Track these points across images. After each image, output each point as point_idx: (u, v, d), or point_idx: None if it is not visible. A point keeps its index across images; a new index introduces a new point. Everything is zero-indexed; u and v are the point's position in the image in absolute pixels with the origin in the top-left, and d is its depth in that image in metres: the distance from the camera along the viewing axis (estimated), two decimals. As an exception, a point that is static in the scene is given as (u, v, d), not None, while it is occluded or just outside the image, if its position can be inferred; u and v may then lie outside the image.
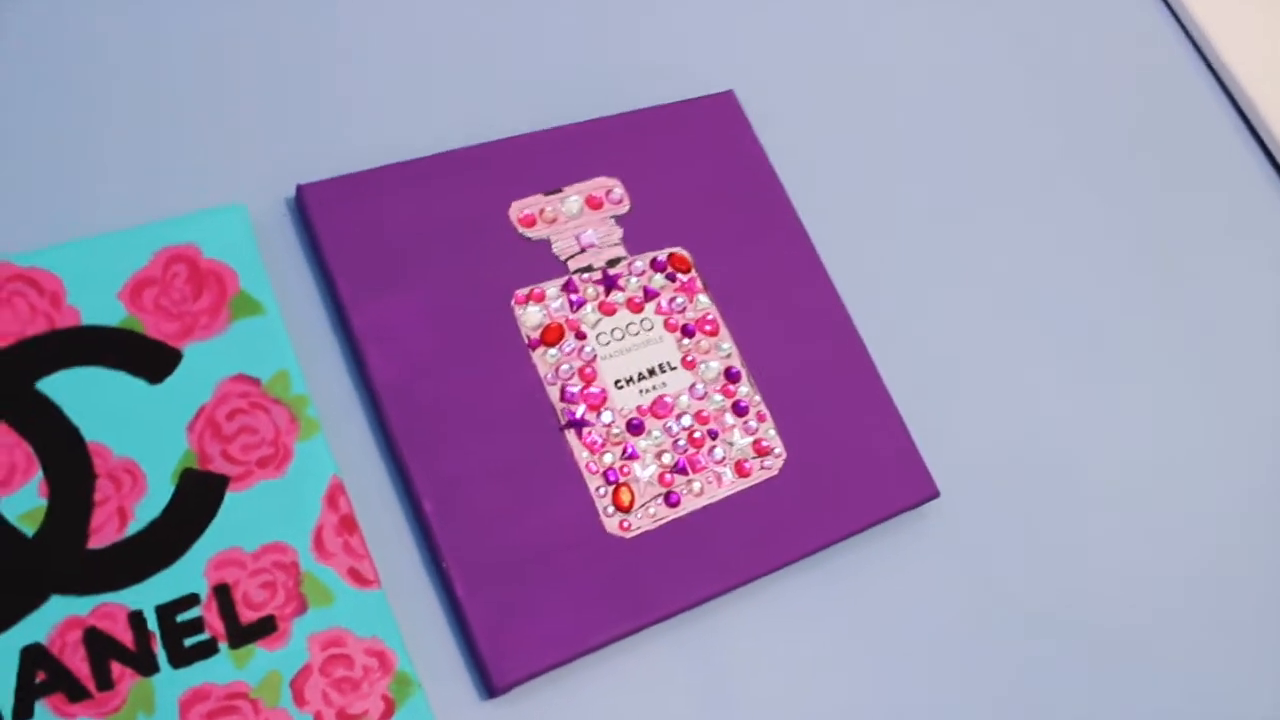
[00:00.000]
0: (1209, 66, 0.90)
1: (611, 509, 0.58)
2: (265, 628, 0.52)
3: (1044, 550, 0.68)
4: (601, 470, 0.58)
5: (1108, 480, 0.72)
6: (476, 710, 0.55)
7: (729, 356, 0.63)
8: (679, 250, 0.65)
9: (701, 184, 0.67)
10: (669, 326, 0.63)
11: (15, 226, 0.57)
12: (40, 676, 0.49)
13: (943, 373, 0.71)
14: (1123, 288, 0.79)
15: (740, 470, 0.61)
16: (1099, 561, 0.69)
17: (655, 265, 0.64)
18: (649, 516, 0.58)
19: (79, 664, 0.50)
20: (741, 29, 0.75)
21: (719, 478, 0.60)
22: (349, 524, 0.54)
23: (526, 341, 0.60)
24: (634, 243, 0.64)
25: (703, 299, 0.64)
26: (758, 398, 0.63)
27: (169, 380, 0.55)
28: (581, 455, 0.58)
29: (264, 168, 0.61)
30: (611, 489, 0.58)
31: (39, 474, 0.52)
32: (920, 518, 0.65)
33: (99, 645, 0.50)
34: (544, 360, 0.59)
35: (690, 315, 0.63)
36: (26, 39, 0.59)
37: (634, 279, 0.63)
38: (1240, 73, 0.88)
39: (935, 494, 0.64)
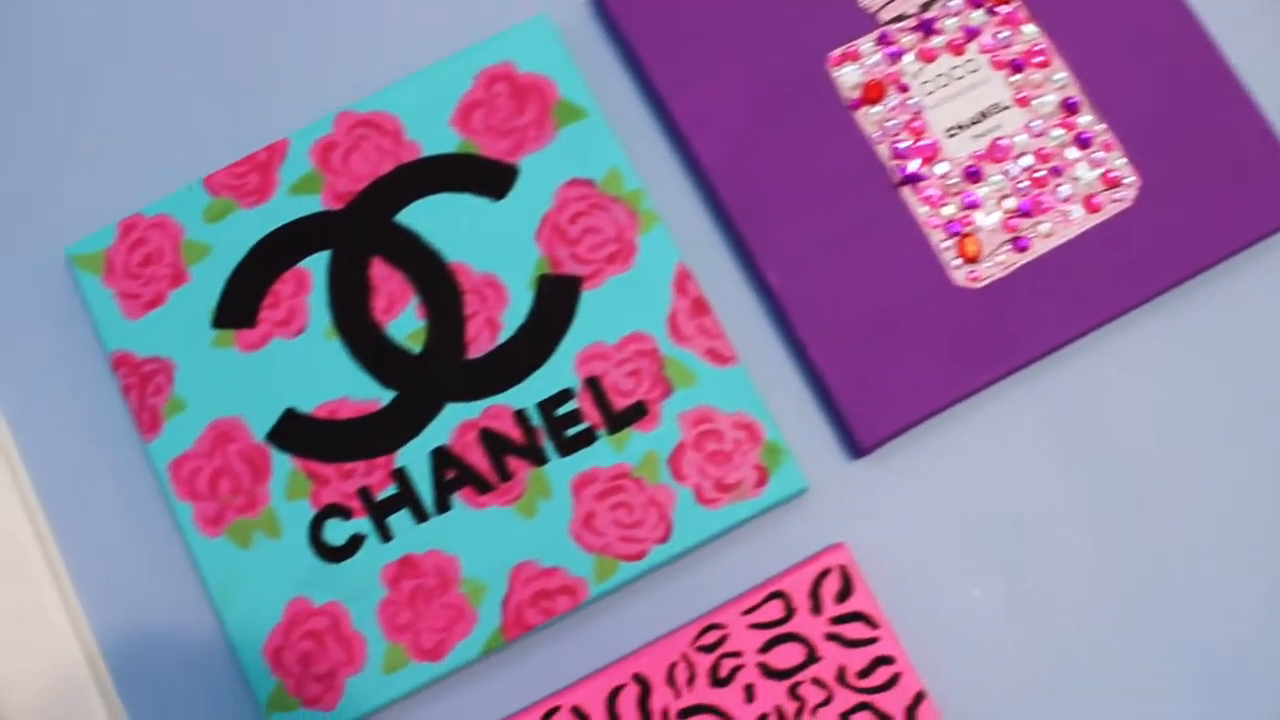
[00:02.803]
0: None
1: (958, 261, 0.56)
2: (637, 412, 0.55)
3: None
4: (943, 223, 0.57)
5: None
6: (845, 470, 0.56)
7: (1065, 87, 0.59)
8: (996, -20, 0.60)
9: (1012, -96, 0.61)
10: (996, 64, 0.59)
11: (346, 78, 0.60)
12: (450, 474, 0.55)
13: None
14: None
15: (1090, 205, 0.57)
16: None
17: (972, 1, 0.59)
18: (998, 264, 0.56)
19: (480, 460, 0.55)
20: None
21: (1067, 216, 0.57)
22: (700, 306, 0.56)
23: (847, 103, 0.58)
24: (946, -19, 0.60)
25: (1029, 29, 0.59)
26: (1101, 126, 0.58)
27: (510, 195, 0.57)
28: (920, 210, 0.57)
29: (562, -28, 0.61)
30: (955, 241, 0.57)
31: (414, 298, 0.57)
32: (1302, 231, 0.60)
33: (493, 443, 0.55)
34: (868, 119, 0.58)
35: (1017, 48, 0.59)
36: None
37: (951, 19, 0.59)
38: None
39: (1318, 202, 0.58)
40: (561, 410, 0.55)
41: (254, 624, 0.54)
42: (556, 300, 0.56)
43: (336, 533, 0.55)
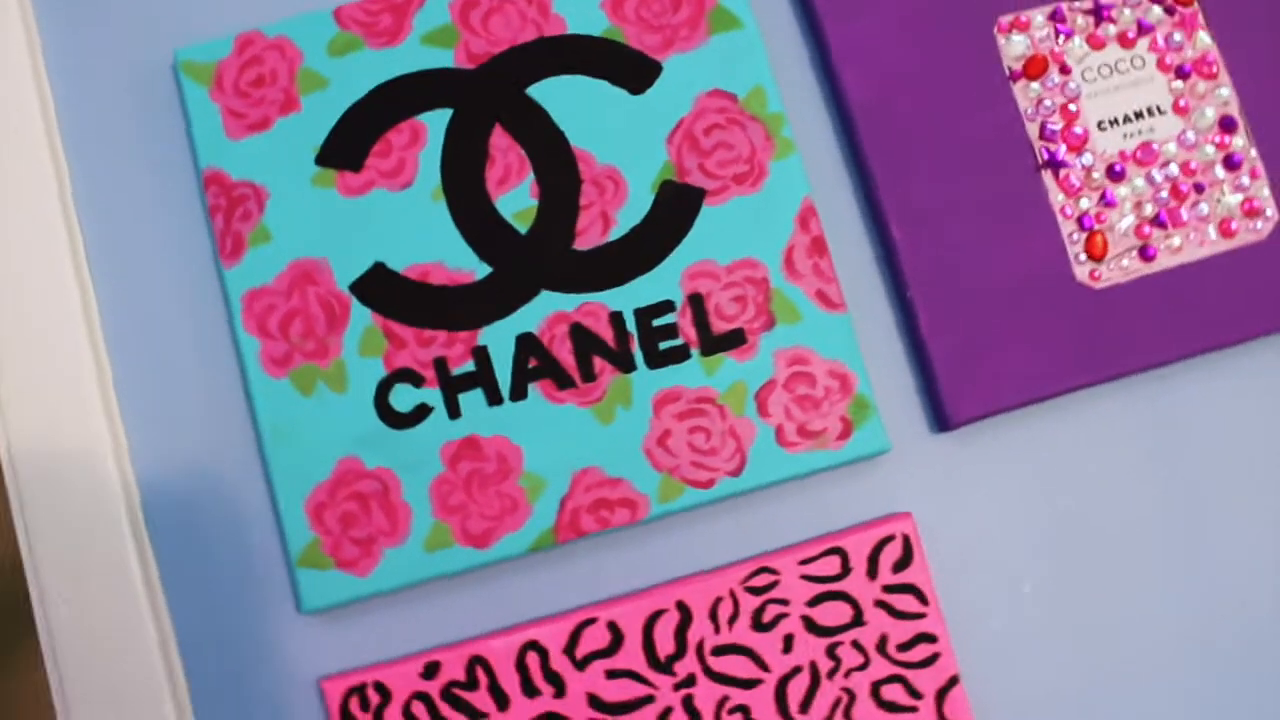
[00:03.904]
0: None
1: (1083, 256, 0.55)
2: (735, 339, 0.54)
3: None
4: (1076, 215, 0.55)
5: None
6: (927, 441, 0.55)
7: (1227, 104, 0.57)
8: (1179, -19, 0.58)
9: (1208, -94, 0.59)
10: (1162, 66, 0.57)
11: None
12: (533, 363, 0.53)
13: None
14: None
15: (1225, 230, 0.56)
16: None
17: (1151, -4, 0.58)
18: (1121, 269, 0.55)
19: (565, 355, 0.53)
20: None
21: (1201, 235, 0.56)
22: (819, 246, 0.54)
23: (1007, 73, 0.56)
24: (1128, -30, 0.58)
25: (1203, 37, 0.57)
26: (1254, 152, 0.57)
27: (649, 91, 0.55)
28: (1056, 198, 0.55)
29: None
30: (1085, 235, 0.55)
31: (530, 176, 0.54)
32: None
33: (583, 340, 0.53)
34: (1025, 94, 0.56)
35: (1188, 55, 0.57)
36: None
37: (1128, 10, 0.57)
38: None
39: None
40: (659, 321, 0.54)
41: (300, 474, 0.53)
42: (676, 208, 0.54)
43: (404, 399, 0.53)
